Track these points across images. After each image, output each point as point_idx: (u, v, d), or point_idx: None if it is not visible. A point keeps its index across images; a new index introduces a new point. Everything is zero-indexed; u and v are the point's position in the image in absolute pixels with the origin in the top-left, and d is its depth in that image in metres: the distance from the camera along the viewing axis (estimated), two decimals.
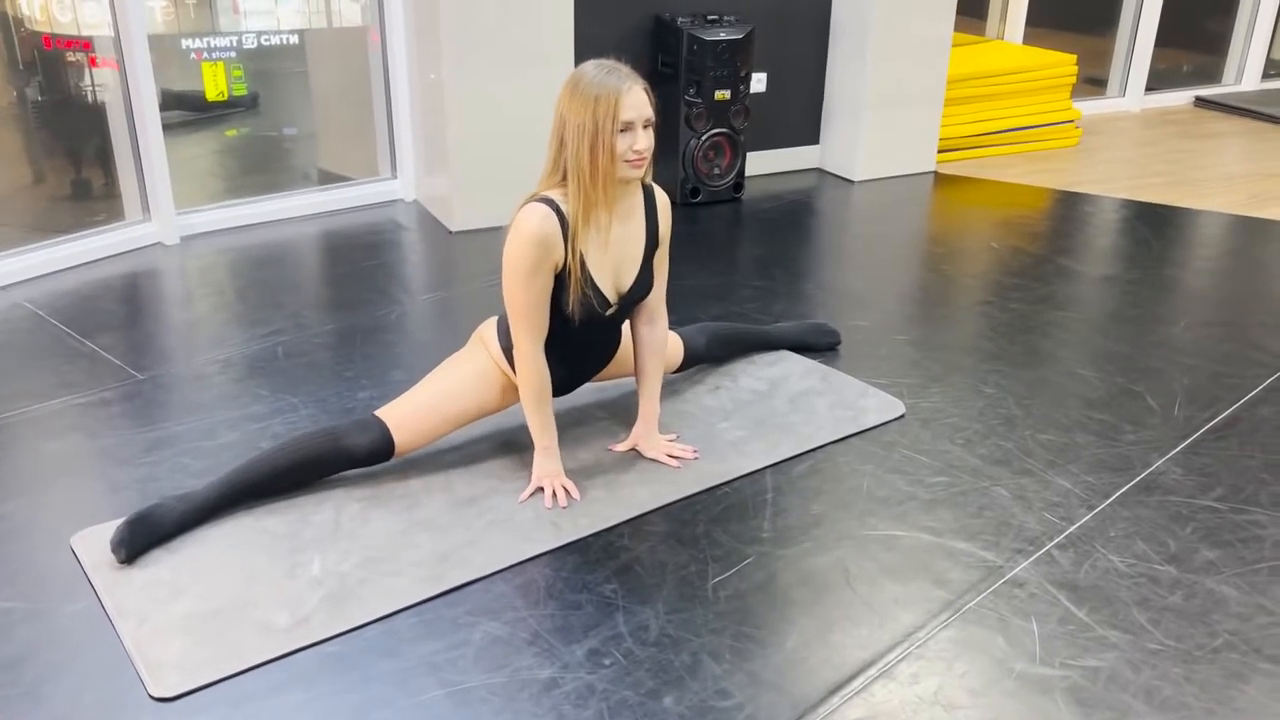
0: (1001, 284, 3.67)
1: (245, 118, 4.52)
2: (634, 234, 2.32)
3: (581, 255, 2.20)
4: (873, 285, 3.67)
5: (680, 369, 2.80)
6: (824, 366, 2.98)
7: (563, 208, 2.17)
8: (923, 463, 2.52)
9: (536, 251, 2.15)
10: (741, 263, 3.92)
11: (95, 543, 2.14)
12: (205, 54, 4.02)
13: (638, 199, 2.32)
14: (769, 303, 3.46)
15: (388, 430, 2.30)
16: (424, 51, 4.02)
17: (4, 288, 3.44)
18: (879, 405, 2.78)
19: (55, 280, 3.53)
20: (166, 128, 3.84)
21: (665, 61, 4.38)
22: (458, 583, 2.07)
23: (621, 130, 2.11)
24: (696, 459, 2.49)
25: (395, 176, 4.41)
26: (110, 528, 2.13)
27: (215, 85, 4.10)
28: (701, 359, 2.88)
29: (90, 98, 3.83)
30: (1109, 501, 2.38)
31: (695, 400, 2.78)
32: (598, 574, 2.10)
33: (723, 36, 4.27)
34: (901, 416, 2.74)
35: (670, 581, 2.08)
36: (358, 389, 2.82)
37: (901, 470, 2.49)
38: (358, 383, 2.85)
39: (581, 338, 2.34)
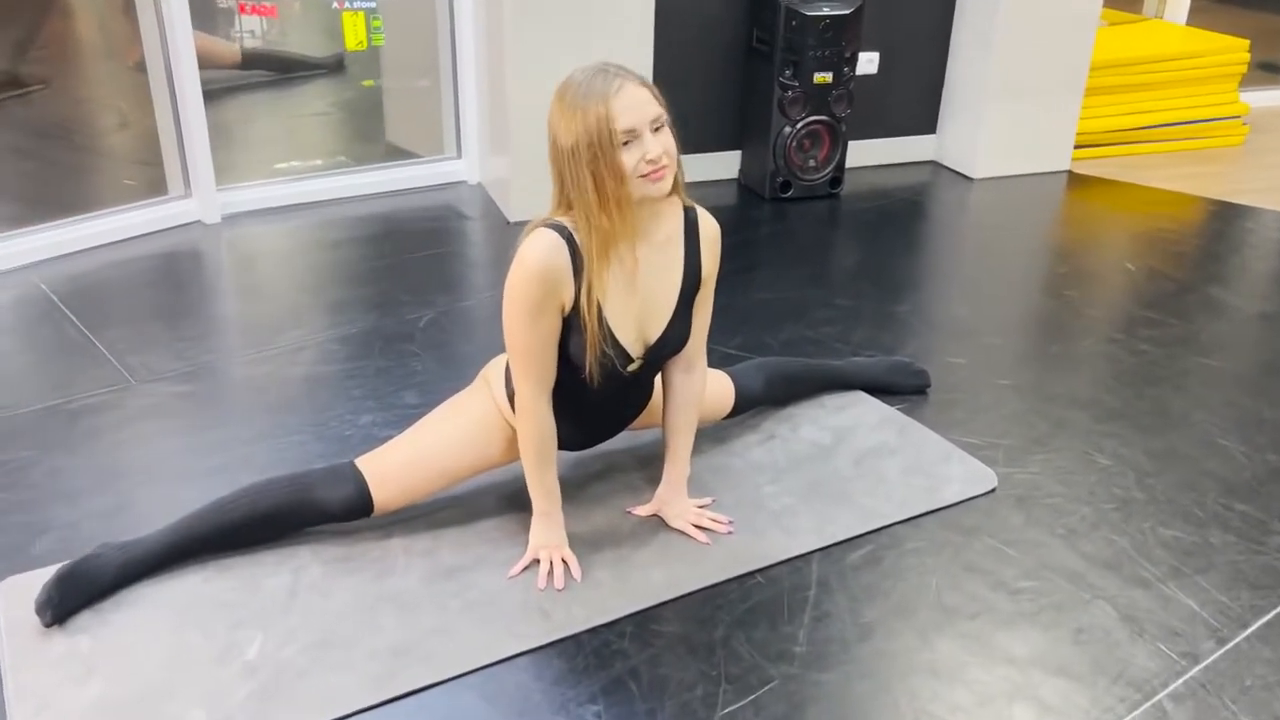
0: (1133, 317, 3.11)
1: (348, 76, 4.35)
2: (667, 268, 1.90)
3: (599, 304, 1.80)
4: (978, 311, 3.15)
5: (732, 415, 2.37)
6: (903, 416, 2.51)
7: (576, 236, 1.77)
8: (1010, 558, 2.05)
9: (539, 289, 1.76)
10: (827, 274, 3.44)
11: (22, 595, 1.85)
12: (347, 3, 3.93)
13: (674, 224, 1.90)
14: (850, 327, 2.99)
15: (365, 486, 1.95)
16: (490, 14, 3.64)
17: (26, 266, 3.23)
18: (965, 474, 2.30)
19: (82, 259, 3.30)
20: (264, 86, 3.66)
21: (760, 38, 3.90)
22: (412, 686, 1.71)
23: (625, 143, 1.69)
24: (730, 534, 2.08)
25: (460, 156, 4.06)
26: (45, 574, 1.85)
27: (355, 34, 3.95)
28: (759, 402, 2.45)
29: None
30: (1247, 633, 1.87)
31: (742, 452, 2.36)
32: (582, 689, 1.72)
33: (827, 12, 3.76)
34: (992, 491, 2.26)
35: (667, 711, 1.68)
36: (362, 411, 2.49)
37: (982, 569, 2.02)
38: (364, 404, 2.52)
39: (598, 395, 1.94)
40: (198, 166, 3.54)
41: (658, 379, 2.11)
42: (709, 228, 1.94)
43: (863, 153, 4.30)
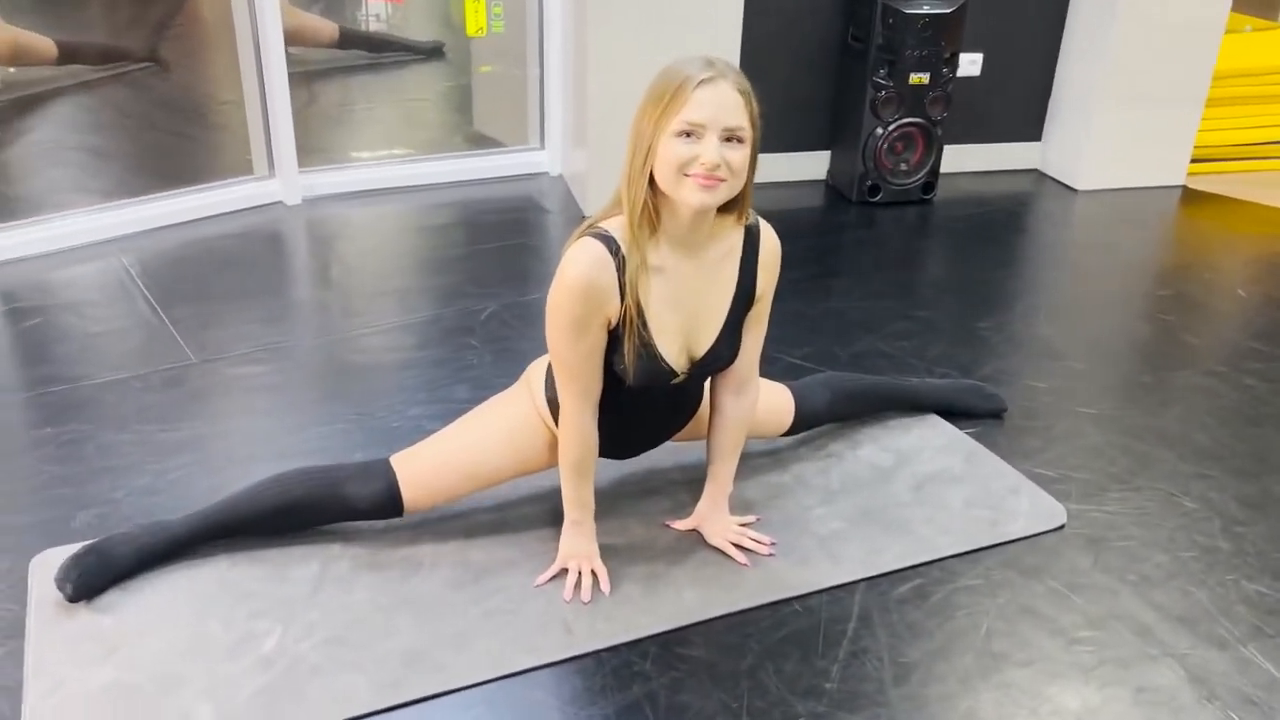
0: (1240, 348, 2.89)
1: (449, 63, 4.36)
2: (718, 286, 1.79)
3: (641, 309, 1.71)
4: (1067, 332, 2.96)
5: (790, 433, 2.26)
6: (972, 442, 2.36)
7: (624, 246, 1.68)
8: (1073, 604, 1.90)
9: (582, 306, 1.67)
10: (908, 285, 3.28)
11: (53, 570, 1.86)
12: None
13: (730, 240, 1.79)
14: (927, 342, 2.84)
15: (396, 485, 1.90)
16: (577, 3, 3.58)
17: (111, 240, 3.30)
18: (1033, 509, 2.15)
19: (164, 235, 3.36)
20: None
21: (855, 35, 3.75)
22: (421, 694, 1.66)
23: (685, 134, 1.58)
24: (771, 556, 1.98)
25: (543, 147, 4.02)
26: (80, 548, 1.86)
27: (475, 20, 3.95)
28: (821, 420, 2.32)
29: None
30: None
31: (796, 469, 2.25)
32: (596, 710, 1.64)
33: (927, 10, 3.59)
34: (1060, 528, 2.11)
35: None
36: (413, 403, 2.46)
37: (1040, 613, 1.88)
38: (415, 395, 2.49)
39: (642, 405, 1.86)
40: (281, 148, 3.57)
41: (706, 391, 2.02)
42: (770, 244, 1.83)
43: (961, 158, 4.12)
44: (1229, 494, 2.23)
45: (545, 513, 2.07)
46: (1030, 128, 4.24)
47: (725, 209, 1.73)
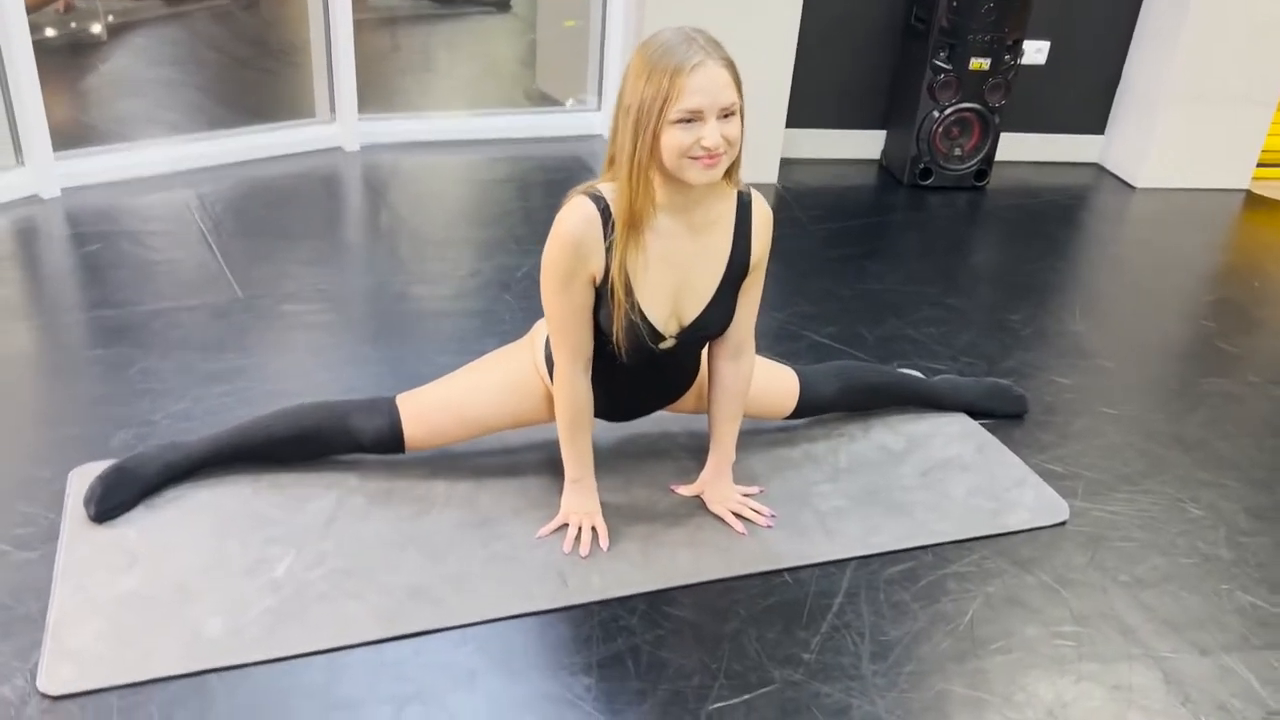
0: (1276, 361, 2.85)
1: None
2: (711, 253, 1.84)
3: (628, 272, 1.77)
4: (1100, 330, 2.95)
5: (795, 416, 2.28)
6: (986, 432, 2.38)
7: (613, 207, 1.74)
8: (1061, 599, 1.93)
9: (569, 259, 1.74)
10: (947, 271, 3.28)
11: (88, 481, 1.99)
12: None
13: (723, 208, 1.83)
14: (955, 330, 2.85)
15: (399, 422, 2.00)
16: None
17: (177, 174, 3.42)
18: (1036, 502, 2.17)
19: (226, 172, 3.48)
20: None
21: (919, 16, 3.72)
22: (416, 629, 1.75)
23: (686, 120, 1.64)
24: (769, 528, 2.03)
25: (599, 109, 4.06)
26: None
27: None
28: (828, 409, 2.33)
29: None
30: None
31: (805, 446, 2.29)
32: (579, 658, 1.72)
33: None
34: (1061, 524, 2.13)
35: (658, 695, 1.67)
36: (444, 352, 2.54)
37: (1027, 604, 1.91)
38: (446, 345, 2.58)
39: (634, 370, 1.91)
40: (343, 93, 3.66)
41: (704, 364, 2.07)
42: (761, 213, 1.87)
43: (1018, 146, 4.08)
44: (1239, 504, 2.23)
45: (555, 464, 2.13)
46: (1093, 120, 4.18)
47: None
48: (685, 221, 1.79)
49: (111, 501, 1.91)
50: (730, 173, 1.77)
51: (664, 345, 1.86)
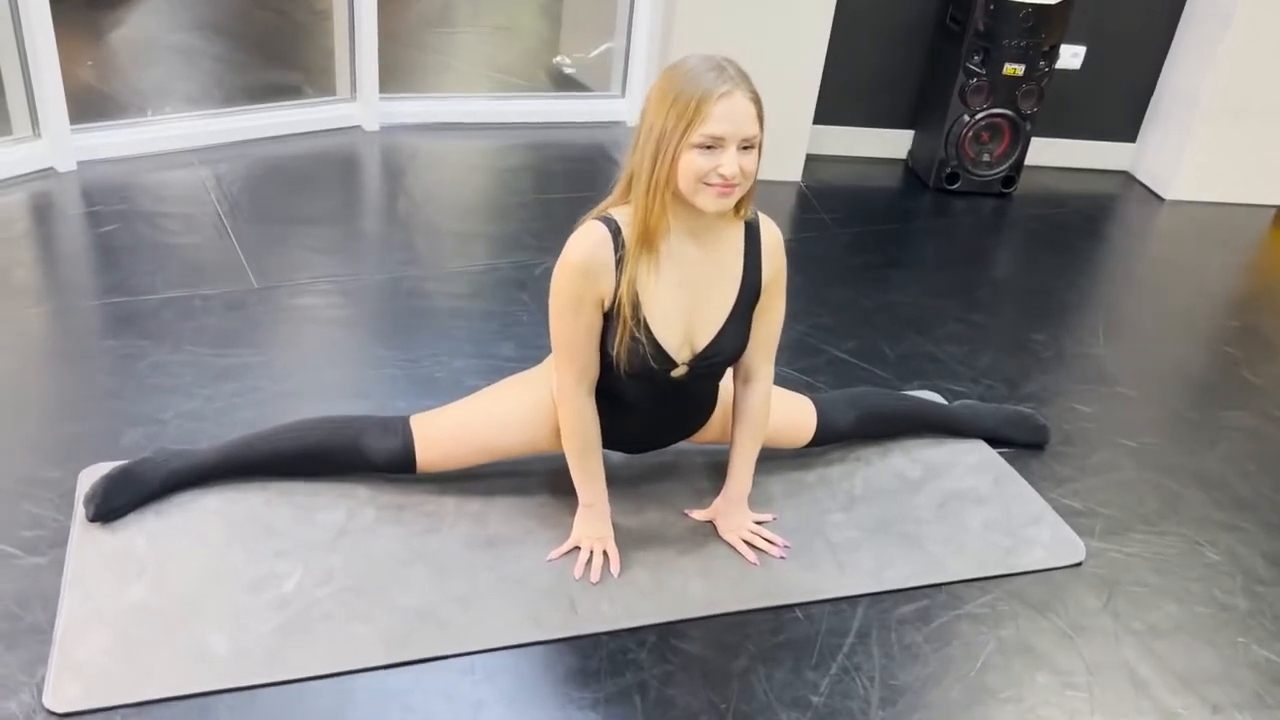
0: None
1: None
2: (722, 277, 1.82)
3: (637, 296, 1.74)
4: (1122, 354, 2.91)
5: (812, 445, 2.24)
6: (1004, 464, 2.35)
7: (625, 229, 1.72)
8: (1073, 646, 1.91)
9: (578, 282, 1.73)
10: (969, 284, 3.23)
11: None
12: None
13: (732, 233, 1.82)
14: (977, 350, 2.81)
15: (412, 444, 1.98)
16: None
17: (193, 150, 3.38)
18: (1052, 540, 2.15)
19: (242, 149, 3.43)
20: None
21: (954, 17, 3.64)
22: (423, 655, 1.74)
23: (706, 146, 1.61)
24: (782, 559, 2.01)
25: (623, 95, 4.00)
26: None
27: None
28: (845, 438, 2.29)
29: None
30: None
31: (823, 473, 2.26)
32: (587, 693, 1.71)
33: (1032, 0, 3.47)
34: (1078, 565, 2.10)
35: None
36: (458, 355, 2.51)
37: (1039, 651, 1.89)
38: (461, 347, 2.55)
39: (645, 399, 1.89)
40: (363, 72, 3.60)
41: (725, 394, 2.04)
42: (771, 237, 1.86)
43: (1047, 151, 4.01)
44: (1257, 549, 2.21)
45: (566, 484, 2.11)
46: (1125, 128, 4.10)
47: None
48: (696, 246, 1.78)
49: (111, 504, 1.89)
50: (741, 205, 1.76)
51: (676, 373, 1.83)
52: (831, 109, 3.67)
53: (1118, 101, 4.05)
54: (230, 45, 4.25)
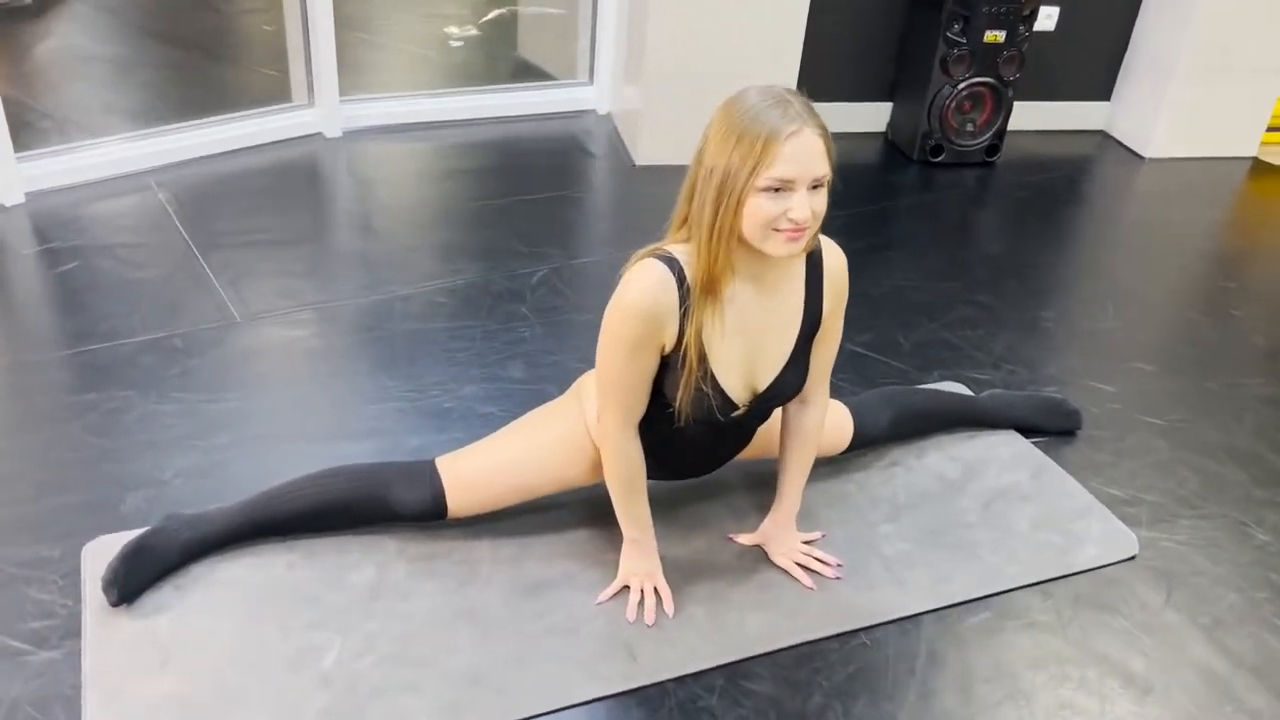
0: None
1: None
2: (784, 318, 1.71)
3: (703, 347, 1.63)
4: (1131, 326, 2.87)
5: (848, 451, 2.17)
6: (1040, 454, 2.29)
7: (688, 271, 1.60)
8: (1144, 648, 1.86)
9: (641, 327, 1.60)
10: (968, 261, 3.16)
11: (109, 558, 1.81)
12: None
13: (794, 268, 1.71)
14: (991, 333, 2.75)
15: (442, 491, 1.85)
16: None
17: (147, 171, 3.17)
18: (1103, 534, 2.09)
19: (200, 166, 3.24)
20: None
21: None
22: None
23: (774, 189, 1.49)
24: (838, 579, 1.93)
25: (591, 82, 3.85)
26: (131, 537, 1.81)
27: None
28: (880, 440, 2.22)
29: None
30: None
31: (862, 481, 2.18)
32: None
33: None
34: (1132, 558, 2.05)
35: None
36: (465, 380, 2.38)
37: (1111, 658, 1.83)
38: (467, 372, 2.41)
39: (699, 439, 1.79)
40: (322, 76, 3.41)
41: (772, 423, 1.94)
42: (834, 263, 1.74)
43: (1026, 115, 3.95)
44: None
45: (604, 519, 2.00)
46: (1100, 87, 4.06)
47: None
48: (757, 288, 1.66)
49: (135, 585, 1.75)
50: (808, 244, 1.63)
51: (735, 414, 1.73)
52: (809, 85, 3.55)
53: (1092, 61, 4.00)
54: (168, 52, 4.01)
